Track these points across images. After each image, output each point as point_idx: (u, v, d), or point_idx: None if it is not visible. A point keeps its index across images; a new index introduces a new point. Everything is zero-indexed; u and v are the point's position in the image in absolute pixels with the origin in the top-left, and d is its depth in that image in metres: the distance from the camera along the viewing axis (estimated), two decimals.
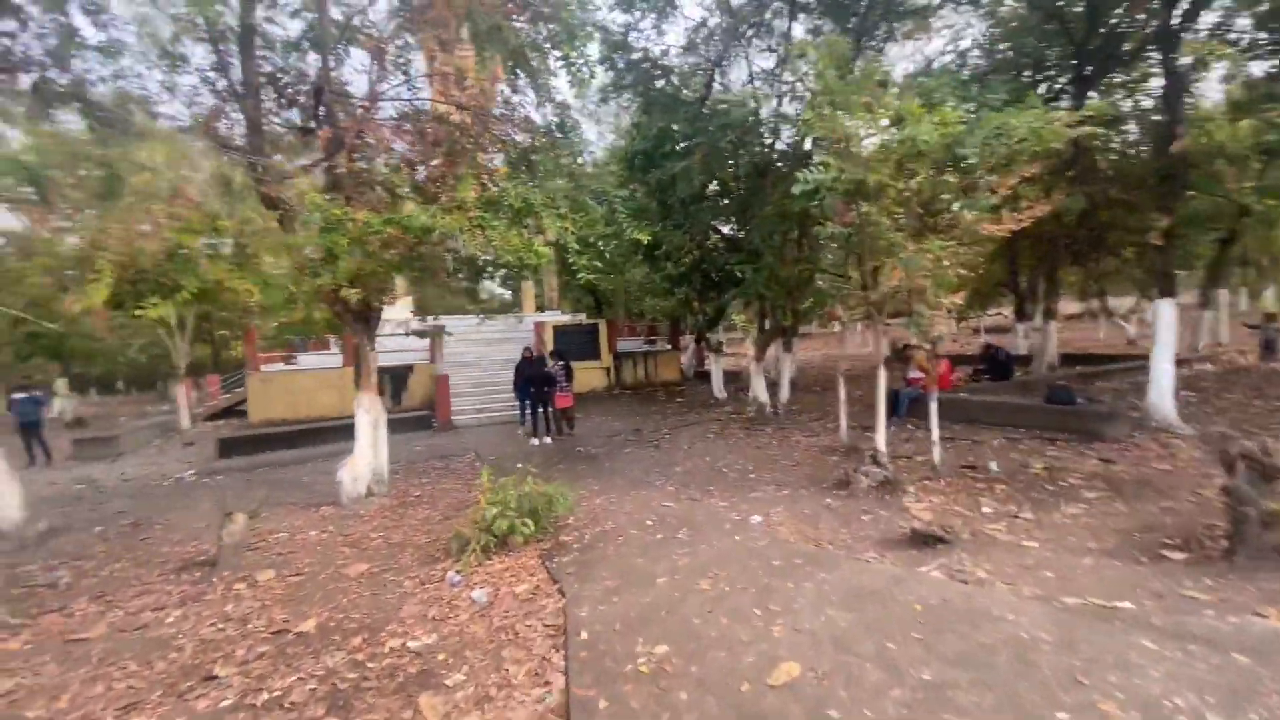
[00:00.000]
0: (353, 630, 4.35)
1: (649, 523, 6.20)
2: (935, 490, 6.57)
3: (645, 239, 8.85)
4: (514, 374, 12.25)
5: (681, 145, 11.10)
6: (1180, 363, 14.14)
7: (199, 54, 7.99)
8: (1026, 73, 13.16)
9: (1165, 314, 8.41)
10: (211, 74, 7.93)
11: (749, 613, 3.89)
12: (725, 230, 12.73)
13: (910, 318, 6.61)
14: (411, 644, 4.03)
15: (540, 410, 11.83)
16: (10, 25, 7.77)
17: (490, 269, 7.37)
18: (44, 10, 7.58)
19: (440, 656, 3.82)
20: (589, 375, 17.29)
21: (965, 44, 15.72)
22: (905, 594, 3.97)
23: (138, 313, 5.93)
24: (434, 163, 7.12)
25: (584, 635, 3.79)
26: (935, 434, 7.10)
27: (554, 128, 7.66)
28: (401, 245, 6.86)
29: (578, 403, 15.86)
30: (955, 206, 5.52)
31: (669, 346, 19.61)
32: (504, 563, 5.31)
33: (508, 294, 31.80)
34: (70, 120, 8.20)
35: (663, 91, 12.22)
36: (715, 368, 15.70)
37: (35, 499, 10.07)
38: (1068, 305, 40.21)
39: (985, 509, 5.83)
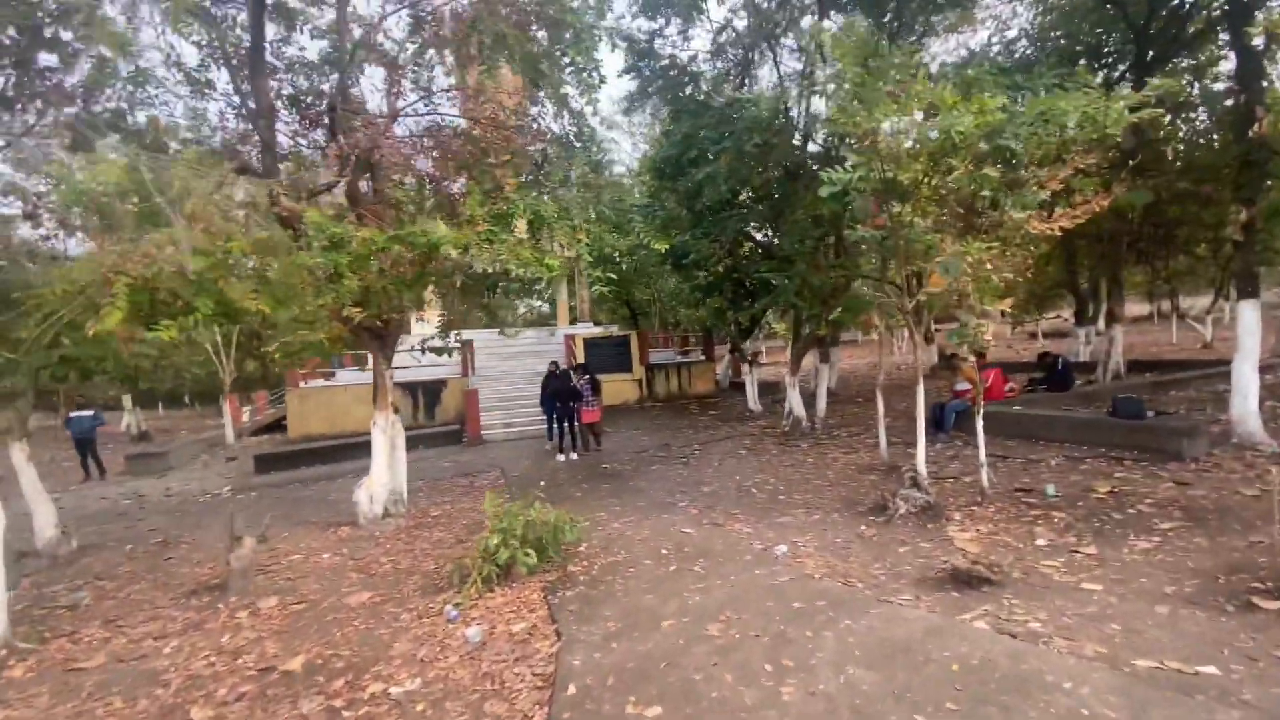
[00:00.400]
0: (338, 670, 4.10)
1: (664, 551, 5.78)
2: (983, 517, 5.94)
3: (663, 248, 8.47)
4: (540, 388, 12.06)
5: (709, 150, 10.72)
6: (1265, 369, 12.86)
7: (224, 80, 8.11)
8: (1081, 61, 12.26)
9: (1248, 317, 7.50)
10: (236, 98, 8.04)
11: (758, 668, 3.44)
12: (758, 237, 12.25)
13: (956, 326, 6.04)
14: (394, 690, 3.74)
15: (566, 425, 11.59)
16: (53, 59, 8.06)
17: (506, 283, 7.17)
18: (80, 42, 7.82)
19: (419, 707, 3.51)
20: (620, 388, 16.98)
21: (1012, 34, 14.87)
22: (942, 649, 3.44)
23: (151, 334, 5.91)
24: (459, 180, 6.95)
25: (572, 690, 3.41)
26: (983, 452, 6.46)
27: (571, 136, 7.41)
28: (407, 263, 6.72)
29: (608, 416, 15.60)
30: (1000, 204, 4.94)
31: (703, 358, 19.12)
32: (506, 596, 4.99)
33: (545, 307, 31.90)
34: (111, 148, 8.46)
35: (690, 97, 11.89)
36: (750, 379, 15.15)
37: (81, 514, 10.41)
38: (1134, 307, 37.81)
39: (1040, 540, 5.19)
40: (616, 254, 17.28)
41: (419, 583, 5.64)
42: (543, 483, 9.82)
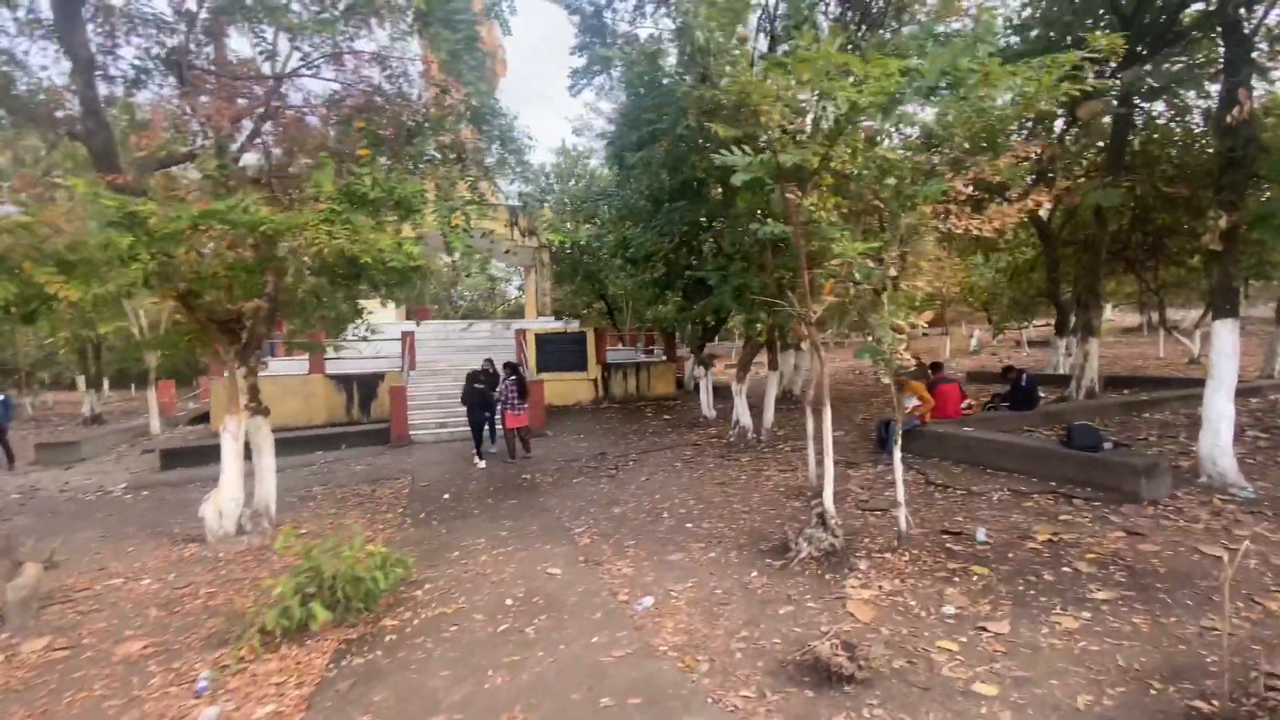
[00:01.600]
0: None
1: (509, 602, 4.83)
2: (893, 568, 4.97)
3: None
4: (462, 389, 11.11)
5: (651, 132, 9.72)
6: (1251, 392, 11.86)
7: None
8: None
9: (1225, 338, 6.49)
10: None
11: None
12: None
13: (869, 341, 5.06)
14: None
15: (486, 429, 10.75)
16: None
17: (377, 274, 6.25)
18: None
19: None
20: (574, 387, 16.01)
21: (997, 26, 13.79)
22: None
23: None
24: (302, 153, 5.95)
25: None
26: (900, 489, 5.47)
27: (459, 110, 6.39)
28: (248, 246, 5.73)
29: (556, 418, 14.64)
30: (899, 195, 3.96)
31: (664, 358, 18.15)
32: (283, 661, 4.03)
33: (520, 297, 30.96)
34: None
35: (639, 75, 10.84)
36: (704, 384, 14.18)
37: None
38: (1125, 318, 36.73)
39: (947, 608, 4.22)
40: (568, 244, 16.36)
41: (214, 628, 4.69)
42: (447, 495, 8.88)
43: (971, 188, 4.07)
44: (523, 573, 5.48)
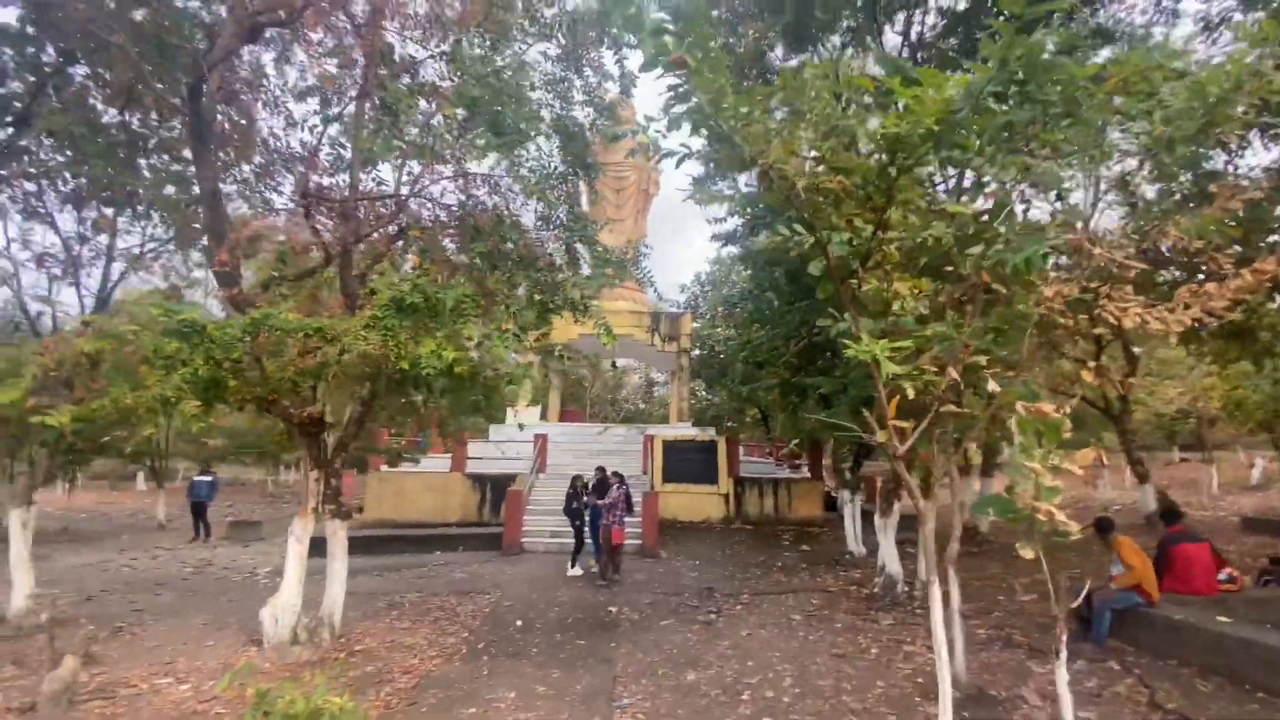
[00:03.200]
0: None
1: None
2: None
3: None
4: (566, 497, 10.56)
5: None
6: None
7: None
8: None
9: None
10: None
11: None
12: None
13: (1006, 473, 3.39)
14: None
15: (583, 539, 10.19)
16: None
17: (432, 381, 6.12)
18: None
19: None
20: (701, 502, 14.61)
21: None
22: None
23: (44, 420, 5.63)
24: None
25: None
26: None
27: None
28: (311, 352, 5.82)
29: (678, 536, 13.31)
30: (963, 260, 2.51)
31: (808, 474, 16.02)
32: None
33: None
34: None
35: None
36: (849, 512, 11.97)
37: (115, 580, 10.84)
38: None
39: None
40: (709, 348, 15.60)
41: None
42: (520, 622, 8.01)
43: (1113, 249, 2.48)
44: None
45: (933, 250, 2.98)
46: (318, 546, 7.23)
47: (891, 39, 9.93)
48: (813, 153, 2.95)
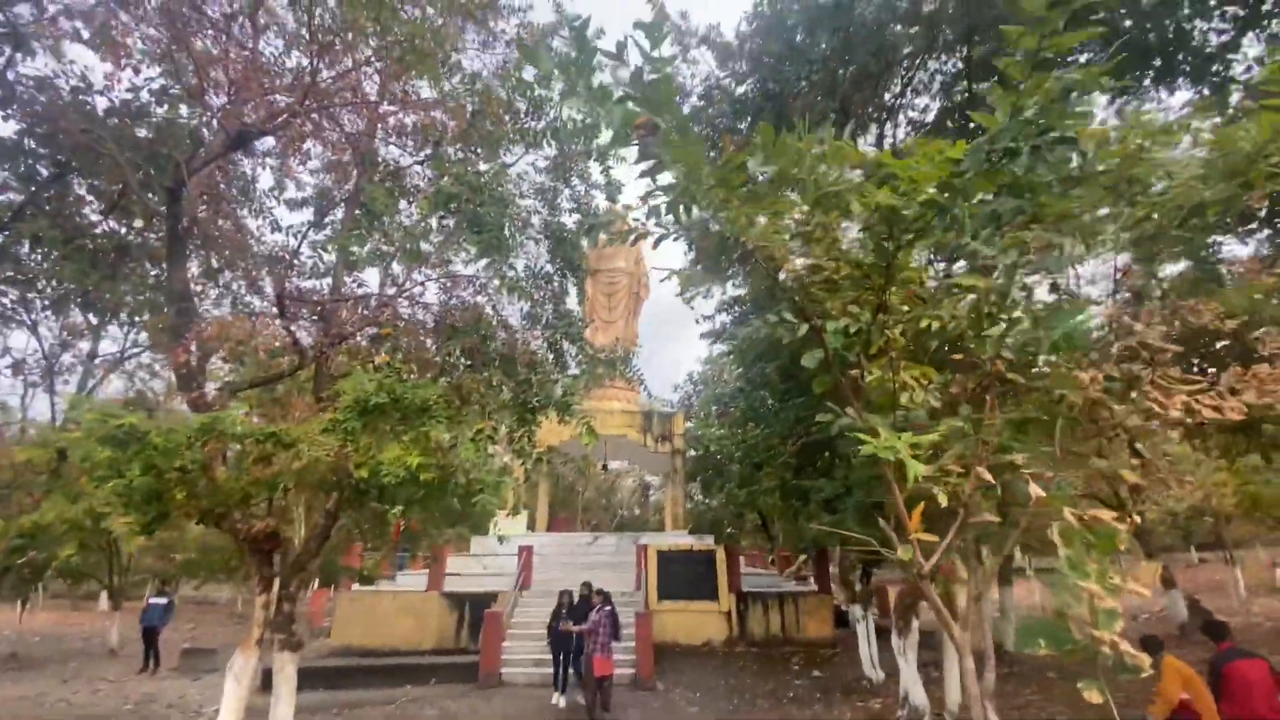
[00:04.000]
0: None
1: None
2: None
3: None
4: (549, 621, 9.59)
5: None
6: None
7: None
8: None
9: None
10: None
11: None
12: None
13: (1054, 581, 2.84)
14: None
15: (565, 667, 9.17)
16: None
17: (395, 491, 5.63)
18: None
19: None
20: (700, 622, 13.39)
21: None
22: None
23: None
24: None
25: None
26: None
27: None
28: (265, 460, 5.33)
29: (677, 662, 12.04)
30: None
31: (814, 587, 14.89)
32: None
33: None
34: None
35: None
36: (863, 630, 10.92)
37: (70, 716, 9.59)
38: None
39: None
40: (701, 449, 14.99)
41: None
42: None
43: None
44: None
45: (941, 334, 2.68)
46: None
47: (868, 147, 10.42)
48: (798, 234, 2.72)
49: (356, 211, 6.37)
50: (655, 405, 20.19)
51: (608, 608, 9.04)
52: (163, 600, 13.97)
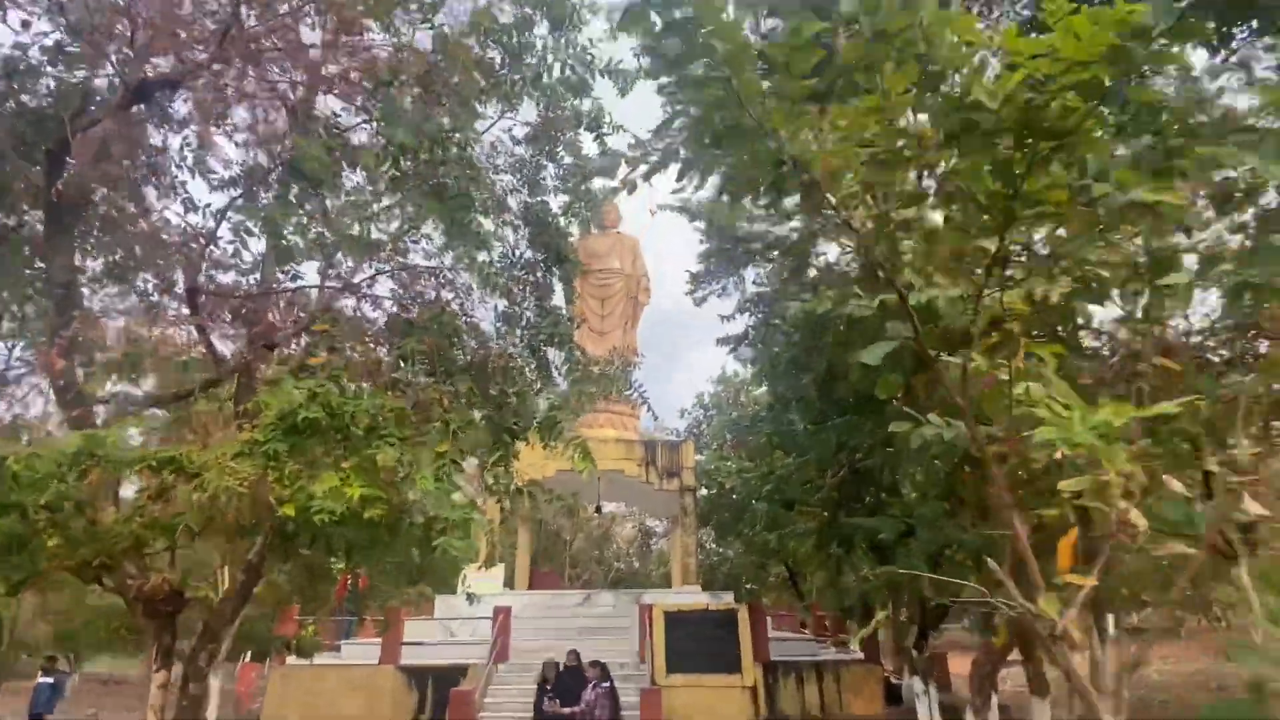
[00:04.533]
0: None
1: None
2: None
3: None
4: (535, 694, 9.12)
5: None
6: None
7: None
8: None
9: None
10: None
11: None
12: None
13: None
14: None
15: None
16: None
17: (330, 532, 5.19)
18: None
19: None
20: (720, 700, 12.76)
21: None
22: None
23: None
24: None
25: None
26: None
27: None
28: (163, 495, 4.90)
29: None
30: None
31: (859, 654, 14.33)
32: None
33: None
34: None
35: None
36: (922, 709, 10.39)
37: None
38: None
39: None
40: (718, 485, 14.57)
41: None
42: None
43: None
44: None
45: (1087, 294, 2.25)
46: None
47: None
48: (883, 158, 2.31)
49: (290, 181, 6.00)
50: (659, 434, 19.76)
51: (605, 684, 8.60)
52: (49, 680, 13.33)
